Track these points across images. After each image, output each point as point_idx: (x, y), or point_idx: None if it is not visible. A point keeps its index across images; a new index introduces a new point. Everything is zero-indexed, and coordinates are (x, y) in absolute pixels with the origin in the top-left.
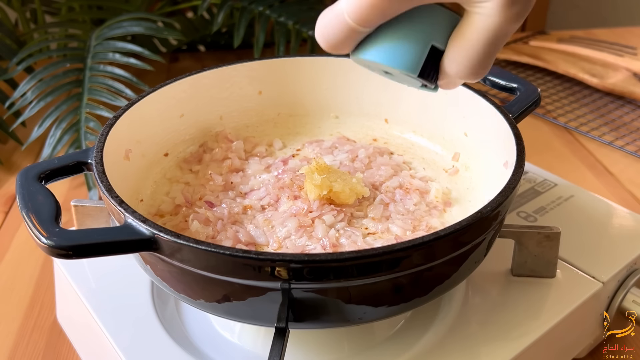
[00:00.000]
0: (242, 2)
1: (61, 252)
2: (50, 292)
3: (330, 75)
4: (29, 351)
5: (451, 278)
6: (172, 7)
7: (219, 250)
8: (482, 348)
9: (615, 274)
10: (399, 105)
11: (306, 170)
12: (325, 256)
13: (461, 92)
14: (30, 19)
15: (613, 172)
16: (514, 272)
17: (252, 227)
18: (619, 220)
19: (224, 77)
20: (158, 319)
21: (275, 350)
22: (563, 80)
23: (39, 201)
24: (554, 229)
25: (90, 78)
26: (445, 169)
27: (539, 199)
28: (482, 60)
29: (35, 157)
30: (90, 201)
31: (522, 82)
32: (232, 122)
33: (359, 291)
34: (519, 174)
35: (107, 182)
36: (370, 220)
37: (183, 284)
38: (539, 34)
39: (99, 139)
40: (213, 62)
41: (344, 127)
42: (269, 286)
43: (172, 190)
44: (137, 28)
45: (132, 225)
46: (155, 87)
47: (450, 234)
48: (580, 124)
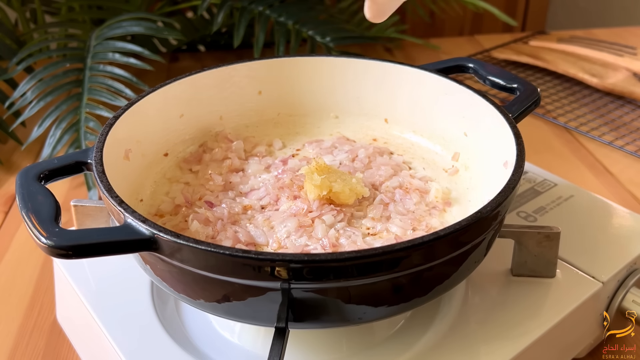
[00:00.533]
0: (242, 2)
1: (61, 252)
2: (50, 292)
3: (330, 75)
4: (29, 351)
5: (451, 278)
6: (172, 7)
7: (219, 250)
8: (482, 348)
9: (615, 274)
10: (399, 105)
11: (306, 171)
12: (325, 256)
13: (461, 92)
14: (30, 19)
15: (613, 172)
16: (513, 272)
17: (252, 227)
18: (619, 220)
19: (224, 77)
20: (158, 319)
21: (275, 350)
22: (563, 80)
23: (39, 201)
24: (554, 229)
25: (90, 78)
26: (445, 169)
27: (538, 199)
28: None
29: (35, 157)
30: (90, 201)
31: (522, 82)
32: (232, 122)
33: (359, 291)
34: (518, 173)
35: (106, 182)
36: (370, 220)
37: (183, 284)
38: (539, 34)
39: (99, 139)
40: (213, 62)
41: (344, 127)
42: (268, 286)
43: (171, 190)
44: (137, 28)
45: (131, 225)
46: (155, 87)
47: (450, 234)
48: (580, 123)
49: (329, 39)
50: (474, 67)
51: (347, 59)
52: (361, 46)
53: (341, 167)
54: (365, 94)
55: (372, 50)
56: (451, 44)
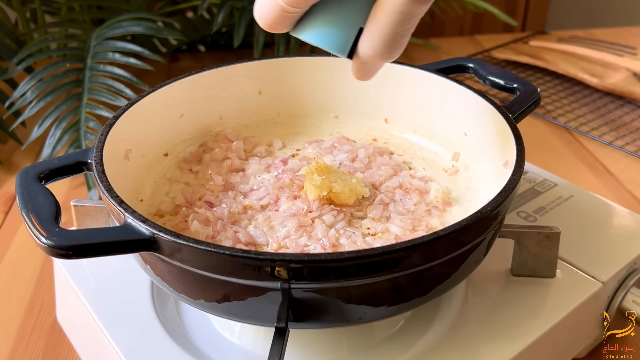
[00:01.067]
0: (242, 2)
1: (61, 252)
2: (50, 292)
3: (330, 75)
4: (29, 351)
5: (451, 278)
6: (172, 7)
7: (219, 250)
8: (482, 348)
9: (615, 274)
10: (399, 105)
11: (306, 171)
12: (325, 256)
13: (461, 92)
14: (30, 19)
15: (613, 172)
16: (514, 272)
17: (252, 227)
18: (619, 220)
19: (224, 77)
20: (158, 319)
21: (275, 350)
22: (563, 80)
23: (39, 201)
24: (554, 229)
25: (90, 78)
26: (445, 169)
27: (538, 199)
28: (393, 41)
29: (35, 157)
30: (90, 201)
31: (522, 82)
32: (232, 122)
33: (359, 291)
34: (518, 174)
35: (107, 182)
36: (370, 220)
37: (183, 284)
38: (539, 34)
39: (99, 139)
40: (213, 62)
41: (344, 127)
42: (268, 286)
43: (172, 190)
44: (137, 28)
45: (132, 225)
46: (155, 87)
47: (450, 234)
48: (580, 123)
49: None
50: (474, 67)
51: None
52: None
53: (341, 167)
54: (365, 94)
55: None
56: (451, 44)
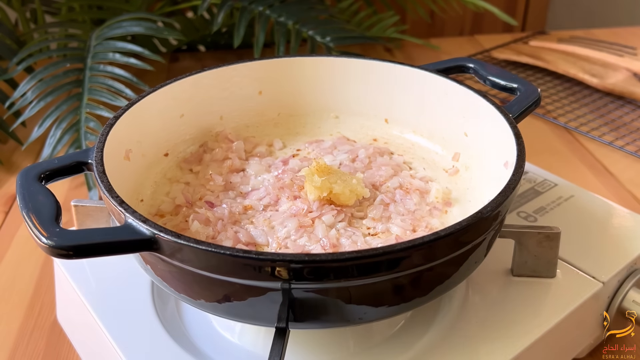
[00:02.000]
0: (242, 2)
1: (61, 252)
2: (50, 292)
3: (330, 75)
4: (29, 351)
5: (451, 278)
6: (172, 7)
7: (219, 250)
8: (482, 348)
9: (615, 274)
10: (399, 105)
11: (306, 172)
12: (326, 256)
13: (461, 92)
14: (30, 19)
15: (613, 172)
16: (514, 272)
17: (252, 228)
18: (619, 220)
19: (224, 77)
20: (158, 319)
21: (275, 350)
22: (563, 80)
23: (39, 201)
24: (554, 229)
25: (90, 78)
26: (445, 169)
27: (539, 199)
28: None
29: (35, 157)
30: (90, 201)
31: (522, 82)
32: (232, 122)
33: (359, 291)
34: (519, 174)
35: (107, 182)
36: (371, 220)
37: (183, 284)
38: (539, 34)
39: (99, 139)
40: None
41: (344, 127)
42: (269, 286)
43: (172, 190)
44: (137, 28)
45: (132, 225)
46: (155, 87)
47: (450, 234)
48: (580, 124)
49: (329, 39)
50: (474, 67)
51: (347, 59)
52: (361, 46)
53: (341, 168)
54: (365, 94)
55: (373, 51)
56: (451, 44)
